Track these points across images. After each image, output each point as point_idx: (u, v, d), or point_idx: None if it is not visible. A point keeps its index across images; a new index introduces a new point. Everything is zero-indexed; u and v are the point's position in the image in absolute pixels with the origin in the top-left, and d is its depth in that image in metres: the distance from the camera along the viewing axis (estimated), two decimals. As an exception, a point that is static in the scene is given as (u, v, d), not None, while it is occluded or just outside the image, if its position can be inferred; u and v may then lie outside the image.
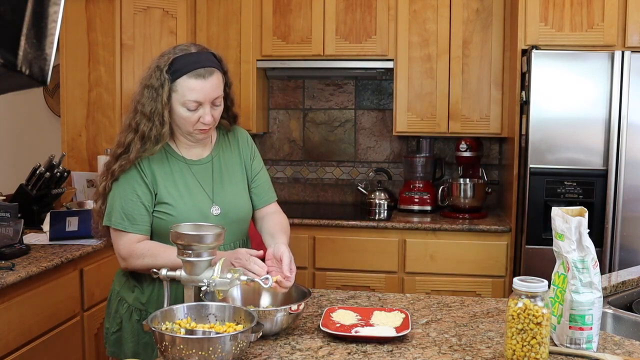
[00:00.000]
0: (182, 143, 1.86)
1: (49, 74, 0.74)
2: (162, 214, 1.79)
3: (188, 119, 1.77)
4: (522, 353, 1.37)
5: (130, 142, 1.76)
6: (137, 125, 1.76)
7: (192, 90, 1.73)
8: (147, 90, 1.75)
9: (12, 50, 0.70)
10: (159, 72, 1.74)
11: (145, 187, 1.78)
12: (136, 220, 1.77)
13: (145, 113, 1.75)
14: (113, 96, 3.47)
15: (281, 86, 4.16)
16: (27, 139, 3.97)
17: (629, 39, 3.19)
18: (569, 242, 1.48)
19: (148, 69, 1.80)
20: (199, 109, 1.76)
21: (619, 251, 3.12)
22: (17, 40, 0.70)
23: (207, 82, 1.74)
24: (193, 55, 1.76)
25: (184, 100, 1.74)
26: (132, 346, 1.84)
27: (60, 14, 0.73)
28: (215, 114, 1.80)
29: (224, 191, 1.88)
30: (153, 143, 1.76)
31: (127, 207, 1.77)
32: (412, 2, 3.60)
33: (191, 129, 1.79)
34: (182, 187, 1.82)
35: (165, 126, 1.75)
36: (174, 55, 1.76)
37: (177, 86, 1.74)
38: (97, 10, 3.44)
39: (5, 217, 2.48)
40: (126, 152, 1.77)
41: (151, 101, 1.74)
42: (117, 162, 1.77)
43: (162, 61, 1.76)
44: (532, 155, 3.16)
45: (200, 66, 1.74)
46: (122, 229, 1.77)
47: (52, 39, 0.73)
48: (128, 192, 1.77)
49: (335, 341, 1.55)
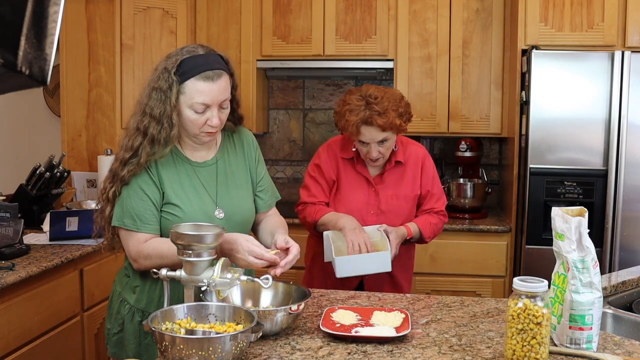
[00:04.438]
0: (188, 145, 1.85)
1: (49, 74, 0.74)
2: (169, 214, 1.78)
3: (195, 122, 1.75)
4: (522, 353, 1.37)
5: (139, 146, 1.74)
6: (146, 128, 1.73)
7: (200, 93, 1.72)
8: (155, 93, 1.73)
9: (12, 50, 0.70)
10: (167, 74, 1.72)
11: (154, 187, 1.77)
12: (147, 220, 1.76)
13: (154, 116, 1.73)
14: (113, 96, 3.47)
15: (281, 86, 4.16)
16: (27, 139, 3.97)
17: (629, 39, 3.19)
18: (569, 242, 1.48)
19: (155, 70, 1.77)
20: (206, 112, 1.74)
21: (619, 251, 3.12)
22: (17, 40, 0.70)
23: (215, 84, 1.73)
24: (201, 57, 1.74)
25: (192, 102, 1.72)
26: (133, 347, 1.84)
27: (60, 14, 0.73)
28: (222, 116, 1.79)
29: (228, 194, 1.88)
30: (162, 146, 1.74)
31: (137, 208, 1.75)
32: (412, 2, 3.60)
33: (198, 131, 1.77)
34: (189, 189, 1.82)
35: (174, 128, 1.74)
36: (182, 57, 1.73)
37: (185, 88, 1.72)
38: (97, 10, 3.44)
39: (5, 217, 2.48)
40: (135, 157, 1.75)
41: (160, 103, 1.72)
42: (125, 168, 1.75)
43: (170, 63, 1.73)
44: (532, 155, 3.16)
45: (208, 68, 1.72)
46: (134, 229, 1.75)
47: (52, 39, 0.73)
48: (138, 192, 1.76)
49: (335, 341, 1.55)
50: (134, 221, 1.75)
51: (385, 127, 2.24)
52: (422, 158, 2.45)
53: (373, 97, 2.25)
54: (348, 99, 2.30)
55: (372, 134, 2.26)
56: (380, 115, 2.23)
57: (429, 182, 2.45)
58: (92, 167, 3.50)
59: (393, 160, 2.41)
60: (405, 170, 2.43)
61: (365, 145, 2.31)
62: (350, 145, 2.41)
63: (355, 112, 2.26)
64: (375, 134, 2.26)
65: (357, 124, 2.25)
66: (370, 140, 2.28)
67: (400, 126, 2.28)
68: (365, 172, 2.41)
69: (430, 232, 2.42)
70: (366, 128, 2.26)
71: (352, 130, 2.27)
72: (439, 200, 2.47)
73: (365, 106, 2.25)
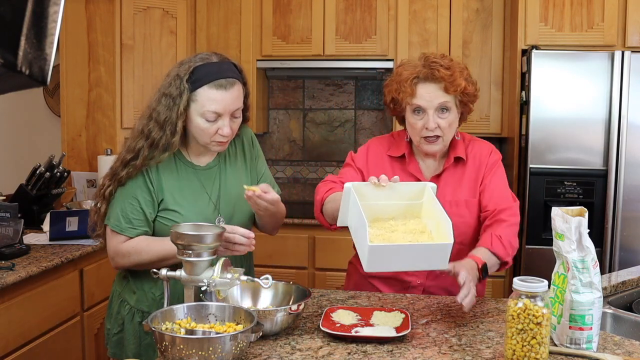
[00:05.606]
0: (193, 150, 1.84)
1: (49, 74, 0.74)
2: (168, 220, 1.79)
3: (206, 130, 1.74)
4: (522, 353, 1.37)
5: (140, 149, 1.75)
6: (149, 132, 1.74)
7: (212, 101, 1.71)
8: (165, 99, 1.73)
9: (12, 50, 0.70)
10: (178, 80, 1.71)
11: (147, 194, 1.78)
12: (133, 224, 1.77)
13: (158, 121, 1.73)
14: (113, 96, 3.47)
15: (281, 86, 4.16)
16: (27, 139, 3.97)
17: (629, 39, 3.20)
18: (569, 242, 1.48)
19: (167, 76, 1.77)
20: (217, 121, 1.73)
21: (619, 251, 3.12)
22: (17, 40, 0.70)
23: (227, 93, 1.72)
24: (214, 65, 1.73)
25: (203, 110, 1.71)
26: (133, 348, 1.84)
27: (60, 14, 0.73)
28: (234, 126, 1.77)
29: (230, 196, 1.88)
30: (160, 151, 1.74)
31: (125, 210, 1.77)
32: (412, 2, 3.60)
33: (208, 140, 1.76)
34: (189, 194, 1.82)
35: (175, 136, 1.73)
36: (195, 64, 1.72)
37: (197, 96, 1.71)
38: (97, 10, 3.44)
39: (5, 217, 2.48)
40: (135, 159, 1.75)
41: (167, 110, 1.72)
42: (125, 169, 1.76)
43: (183, 70, 1.72)
44: (532, 155, 3.16)
45: (221, 76, 1.71)
46: (117, 230, 1.78)
47: (52, 39, 0.73)
48: (129, 195, 1.77)
49: (335, 341, 1.55)
50: (119, 222, 1.77)
51: (448, 83, 1.83)
52: (488, 156, 1.98)
53: (434, 56, 1.88)
54: (403, 61, 1.95)
55: (430, 94, 1.84)
56: (444, 68, 1.83)
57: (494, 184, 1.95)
58: (92, 167, 3.50)
59: (452, 155, 1.96)
60: (466, 170, 1.97)
61: (420, 115, 1.87)
62: (400, 142, 2.00)
63: (411, 68, 1.87)
64: (435, 93, 1.84)
65: (412, 80, 1.84)
66: (427, 105, 1.84)
67: (466, 90, 1.85)
68: (418, 172, 1.96)
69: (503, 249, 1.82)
70: (424, 86, 1.85)
71: (406, 90, 1.85)
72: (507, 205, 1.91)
73: (424, 62, 1.86)
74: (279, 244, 3.46)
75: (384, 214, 1.68)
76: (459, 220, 1.85)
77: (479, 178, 1.95)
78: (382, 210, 1.68)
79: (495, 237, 1.82)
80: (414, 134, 1.91)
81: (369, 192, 1.64)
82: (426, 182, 1.71)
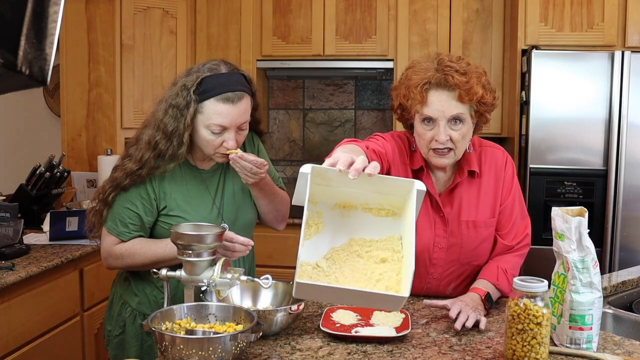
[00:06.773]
0: (198, 155, 1.83)
1: (49, 74, 0.74)
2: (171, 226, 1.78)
3: (211, 142, 1.73)
4: (522, 353, 1.37)
5: (147, 160, 1.73)
6: (157, 144, 1.72)
7: (218, 115, 1.69)
8: (172, 110, 1.71)
9: (12, 50, 0.70)
10: (185, 91, 1.69)
11: (147, 201, 1.77)
12: (128, 228, 1.77)
13: (165, 132, 1.71)
14: (113, 96, 3.47)
15: (281, 86, 4.16)
16: (27, 139, 3.97)
17: (629, 39, 3.19)
18: (569, 242, 1.48)
19: (173, 85, 1.75)
20: (223, 133, 1.71)
21: (619, 251, 3.12)
22: (17, 40, 0.70)
23: (235, 107, 1.70)
24: (223, 76, 1.71)
25: (209, 123, 1.70)
26: (135, 350, 1.84)
27: (60, 14, 0.73)
28: (240, 138, 1.76)
29: (233, 198, 1.87)
30: (167, 161, 1.74)
31: (122, 214, 1.77)
32: (412, 2, 3.60)
33: (212, 151, 1.75)
34: (192, 198, 1.81)
35: (182, 147, 1.72)
36: (203, 75, 1.70)
37: (204, 108, 1.69)
38: (97, 10, 3.44)
39: (5, 217, 2.48)
40: (141, 169, 1.74)
41: (174, 121, 1.70)
42: (128, 178, 1.74)
43: (190, 80, 1.70)
44: (532, 155, 3.16)
45: (229, 89, 1.69)
46: (113, 232, 1.77)
47: (52, 39, 0.73)
48: (129, 200, 1.77)
49: (335, 341, 1.55)
50: (115, 225, 1.77)
51: (463, 91, 1.63)
52: (503, 168, 1.81)
53: (449, 59, 1.68)
54: (414, 62, 1.76)
55: (442, 103, 1.64)
56: (459, 74, 1.63)
57: (513, 212, 1.82)
58: (92, 167, 3.50)
59: (465, 168, 1.76)
60: (482, 184, 1.79)
61: (430, 125, 1.67)
62: (418, 156, 1.77)
63: (422, 72, 1.68)
64: (448, 103, 1.64)
65: (423, 87, 1.65)
66: (439, 115, 1.65)
67: (483, 99, 1.66)
68: (431, 187, 1.75)
69: (508, 285, 1.72)
70: (436, 93, 1.65)
71: (415, 97, 1.66)
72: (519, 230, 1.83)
73: (437, 66, 1.67)
74: (279, 244, 3.46)
75: (355, 200, 1.41)
76: (479, 242, 1.78)
77: (497, 195, 1.80)
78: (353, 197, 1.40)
79: (501, 271, 1.75)
80: (422, 144, 1.72)
81: (335, 178, 1.35)
82: (414, 181, 1.37)
